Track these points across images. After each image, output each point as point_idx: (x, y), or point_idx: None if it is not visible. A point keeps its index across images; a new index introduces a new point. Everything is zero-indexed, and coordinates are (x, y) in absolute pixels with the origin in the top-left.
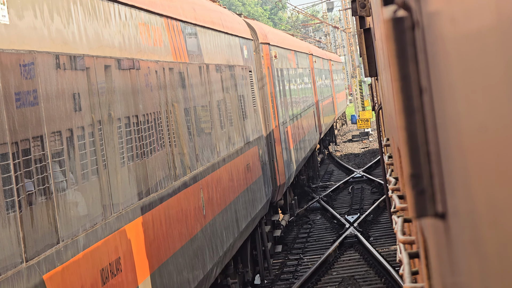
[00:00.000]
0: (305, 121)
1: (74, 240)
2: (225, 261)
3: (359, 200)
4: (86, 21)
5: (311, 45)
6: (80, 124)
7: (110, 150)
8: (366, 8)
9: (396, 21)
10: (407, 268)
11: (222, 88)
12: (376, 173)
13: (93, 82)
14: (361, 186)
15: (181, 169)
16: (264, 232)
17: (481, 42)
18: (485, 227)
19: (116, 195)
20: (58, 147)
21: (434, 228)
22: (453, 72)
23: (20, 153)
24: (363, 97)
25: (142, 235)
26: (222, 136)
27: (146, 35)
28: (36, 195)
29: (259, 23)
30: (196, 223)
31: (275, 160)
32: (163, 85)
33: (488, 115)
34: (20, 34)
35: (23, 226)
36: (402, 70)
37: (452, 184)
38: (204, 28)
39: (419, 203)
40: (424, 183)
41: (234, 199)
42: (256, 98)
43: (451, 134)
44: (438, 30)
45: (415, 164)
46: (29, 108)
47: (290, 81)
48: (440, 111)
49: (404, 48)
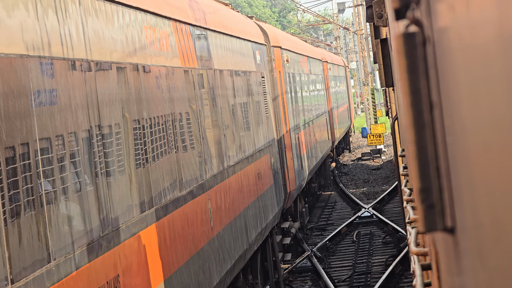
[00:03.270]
0: (317, 128)
1: (68, 258)
2: (234, 274)
3: (367, 255)
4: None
5: (326, 52)
6: (76, 131)
7: (108, 158)
8: (383, 18)
9: (407, 36)
10: (420, 280)
11: (234, 94)
12: (390, 209)
13: (94, 87)
14: (370, 232)
15: (187, 178)
16: (275, 242)
17: (485, 57)
18: (490, 243)
19: (115, 207)
20: (47, 155)
21: (444, 241)
22: (460, 87)
23: (6, 161)
24: (375, 107)
25: (143, 250)
26: (232, 143)
27: (152, 38)
28: (24, 207)
29: (271, 26)
30: (202, 235)
31: (285, 166)
32: (171, 91)
33: (492, 132)
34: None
35: (8, 244)
36: (412, 85)
37: (460, 199)
38: (216, 32)
39: (429, 218)
40: (433, 197)
41: (244, 210)
42: (269, 104)
43: (459, 149)
44: (448, 46)
45: (425, 179)
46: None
47: (302, 87)
48: (449, 126)
49: (415, 63)
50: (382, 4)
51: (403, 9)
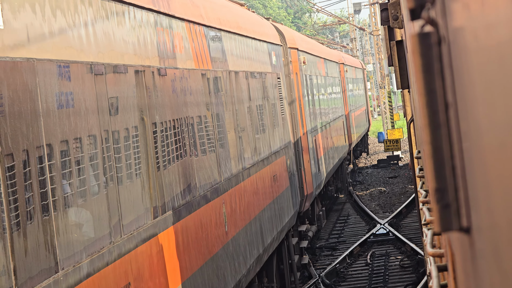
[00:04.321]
0: (334, 130)
1: (76, 267)
2: (249, 278)
3: (382, 281)
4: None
5: (343, 54)
6: (84, 135)
7: (119, 162)
8: (399, 20)
9: (422, 36)
10: (436, 281)
11: (249, 95)
12: (408, 225)
13: (105, 90)
14: (386, 252)
15: (201, 182)
16: (291, 245)
17: (500, 57)
18: (505, 243)
19: (126, 213)
20: (55, 160)
21: (460, 241)
22: (475, 87)
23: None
24: (392, 110)
25: (155, 257)
26: (248, 146)
27: (165, 40)
28: (31, 215)
29: (287, 28)
30: (216, 240)
31: (302, 168)
32: (186, 93)
33: (508, 132)
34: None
35: (14, 253)
36: (428, 85)
37: (476, 198)
38: (230, 33)
39: (444, 217)
40: (449, 197)
41: (259, 213)
42: (285, 106)
43: (474, 149)
44: (463, 45)
45: (440, 179)
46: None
47: (319, 89)
48: (464, 126)
49: (430, 63)
50: (398, 6)
51: (418, 9)
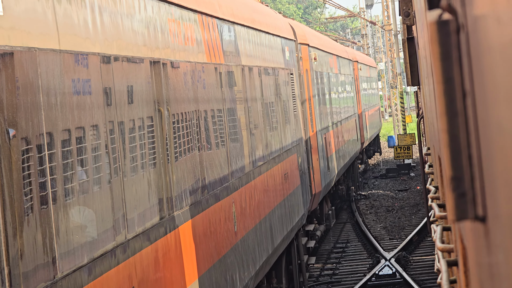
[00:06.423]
0: (345, 129)
1: (76, 270)
2: (258, 279)
3: None
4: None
5: (357, 52)
6: (88, 127)
7: (124, 157)
8: (410, 16)
9: (441, 24)
10: (445, 276)
11: (261, 91)
12: (421, 259)
13: (110, 83)
14: None
15: (210, 180)
16: (301, 245)
17: None
18: None
19: (132, 211)
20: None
21: (474, 232)
22: (497, 76)
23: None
24: (404, 112)
25: (161, 258)
26: (259, 143)
27: (175, 32)
28: (27, 213)
29: (298, 23)
30: (225, 241)
31: (311, 167)
32: (196, 88)
33: None
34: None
35: (8, 256)
36: (446, 73)
37: (493, 187)
38: (243, 26)
39: (460, 206)
40: (465, 186)
41: (269, 212)
42: (297, 102)
43: (493, 137)
44: (483, 33)
45: (457, 167)
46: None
47: (331, 86)
48: (482, 114)
49: (448, 51)
50: (410, 3)
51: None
